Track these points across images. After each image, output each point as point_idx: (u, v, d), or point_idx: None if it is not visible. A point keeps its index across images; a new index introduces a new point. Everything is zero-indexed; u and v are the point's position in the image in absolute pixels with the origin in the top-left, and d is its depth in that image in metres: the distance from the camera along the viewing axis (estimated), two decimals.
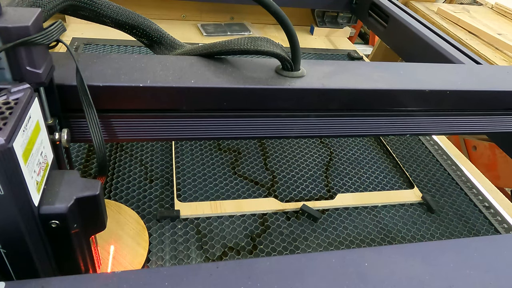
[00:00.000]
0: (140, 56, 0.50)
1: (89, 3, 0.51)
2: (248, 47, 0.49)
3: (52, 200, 0.34)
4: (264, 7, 0.47)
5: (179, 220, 0.62)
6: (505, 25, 1.25)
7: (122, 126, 0.47)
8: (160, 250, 0.57)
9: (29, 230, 0.32)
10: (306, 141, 0.85)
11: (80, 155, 0.72)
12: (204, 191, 0.68)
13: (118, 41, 1.08)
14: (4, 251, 0.33)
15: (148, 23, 0.57)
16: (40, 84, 0.36)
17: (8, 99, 0.31)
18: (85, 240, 0.39)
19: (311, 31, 1.35)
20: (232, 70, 0.50)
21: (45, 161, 0.35)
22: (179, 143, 0.78)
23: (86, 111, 0.41)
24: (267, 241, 0.61)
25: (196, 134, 0.50)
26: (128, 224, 0.59)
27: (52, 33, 0.35)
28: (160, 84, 0.45)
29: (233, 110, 0.49)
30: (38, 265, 0.35)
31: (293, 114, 0.52)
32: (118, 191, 0.65)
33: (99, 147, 0.42)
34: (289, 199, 0.69)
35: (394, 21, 0.80)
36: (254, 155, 0.79)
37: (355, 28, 1.50)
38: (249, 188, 0.70)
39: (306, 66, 0.53)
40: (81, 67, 0.40)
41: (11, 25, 0.32)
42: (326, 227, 0.65)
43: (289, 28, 0.48)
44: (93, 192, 0.35)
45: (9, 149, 0.28)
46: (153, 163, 0.73)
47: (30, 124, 0.31)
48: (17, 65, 0.34)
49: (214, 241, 0.60)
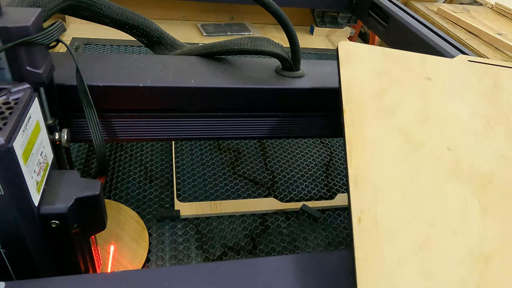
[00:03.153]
0: (140, 56, 0.50)
1: (89, 3, 0.51)
2: (248, 47, 0.49)
3: (52, 200, 0.34)
4: (264, 7, 0.47)
5: (179, 220, 0.62)
6: (505, 25, 1.25)
7: (122, 126, 0.47)
8: (160, 250, 0.57)
9: (29, 230, 0.32)
10: (306, 141, 0.85)
11: (80, 155, 0.72)
12: (204, 191, 0.68)
13: (118, 41, 1.08)
14: (4, 251, 0.33)
15: (148, 23, 0.57)
16: (40, 84, 0.36)
17: (8, 99, 0.31)
18: (85, 240, 0.39)
19: (311, 31, 1.35)
20: (232, 70, 0.50)
21: (45, 161, 0.35)
22: (179, 143, 0.78)
23: (86, 111, 0.41)
24: (267, 241, 0.61)
25: (196, 134, 0.50)
26: (128, 224, 0.59)
27: (52, 33, 0.35)
28: (160, 84, 0.45)
29: (233, 110, 0.49)
30: (38, 265, 0.35)
31: (293, 114, 0.52)
32: (118, 191, 0.65)
33: (99, 147, 0.42)
34: (289, 199, 0.69)
35: (394, 21, 0.80)
36: (254, 155, 0.79)
37: (355, 28, 1.50)
38: (249, 188, 0.70)
39: (306, 66, 0.53)
40: (81, 67, 0.40)
41: (11, 25, 0.32)
42: (326, 227, 0.65)
43: (289, 28, 0.48)
44: (93, 192, 0.35)
45: (9, 149, 0.28)
46: (153, 163, 0.73)
47: (30, 124, 0.31)
48: (17, 65, 0.34)
49: (214, 241, 0.60)
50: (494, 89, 0.44)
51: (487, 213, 0.35)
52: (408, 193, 0.34)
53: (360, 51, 0.44)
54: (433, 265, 0.30)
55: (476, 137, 0.40)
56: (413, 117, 0.39)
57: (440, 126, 0.40)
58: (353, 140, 0.36)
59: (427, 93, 0.42)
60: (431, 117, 0.40)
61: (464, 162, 0.37)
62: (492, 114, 0.42)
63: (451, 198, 0.35)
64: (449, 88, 0.43)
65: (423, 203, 0.34)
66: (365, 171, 0.34)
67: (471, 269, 0.31)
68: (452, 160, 0.37)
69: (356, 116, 0.38)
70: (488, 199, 0.35)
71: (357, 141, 0.36)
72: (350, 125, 0.37)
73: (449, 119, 0.40)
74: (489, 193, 0.36)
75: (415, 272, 0.30)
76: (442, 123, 0.40)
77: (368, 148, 0.36)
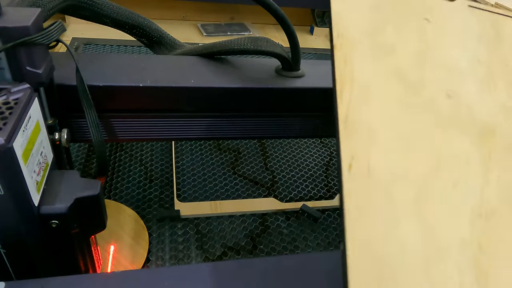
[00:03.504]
0: (140, 56, 0.50)
1: (89, 3, 0.51)
2: (248, 47, 0.49)
3: (52, 200, 0.34)
4: (264, 7, 0.47)
5: (179, 220, 0.62)
6: None
7: (122, 126, 0.47)
8: (160, 250, 0.57)
9: (29, 230, 0.32)
10: (306, 141, 0.85)
11: (80, 155, 0.72)
12: (204, 191, 0.68)
13: (118, 41, 1.08)
14: (4, 251, 0.33)
15: (148, 23, 0.57)
16: (40, 84, 0.36)
17: (8, 99, 0.31)
18: (85, 240, 0.39)
19: (311, 31, 1.35)
20: (232, 70, 0.50)
21: (45, 161, 0.35)
22: (179, 143, 0.78)
23: (86, 111, 0.41)
24: (267, 241, 0.61)
25: (196, 134, 0.50)
26: (128, 224, 0.59)
27: (52, 33, 0.35)
28: (160, 84, 0.45)
29: (233, 110, 0.49)
30: (38, 265, 0.35)
31: (294, 114, 0.52)
32: (118, 191, 0.65)
33: (99, 147, 0.42)
34: (289, 199, 0.69)
35: None
36: (254, 155, 0.79)
37: None
38: (249, 188, 0.70)
39: (306, 66, 0.53)
40: (81, 67, 0.40)
41: (11, 25, 0.32)
42: (326, 227, 0.65)
43: (289, 28, 0.48)
44: (93, 192, 0.35)
45: (9, 149, 0.28)
46: (153, 163, 0.73)
47: (30, 124, 0.31)
48: (17, 65, 0.34)
49: (214, 241, 0.60)
50: (496, 37, 0.42)
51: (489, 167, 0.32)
52: (405, 139, 0.31)
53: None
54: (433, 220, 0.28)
55: (477, 85, 0.37)
56: (410, 59, 0.36)
57: (440, 71, 0.37)
58: (344, 78, 0.33)
59: (426, 34, 0.39)
60: (430, 60, 0.37)
61: (464, 110, 0.34)
62: (494, 63, 0.39)
63: (451, 149, 0.32)
64: (449, 31, 0.41)
65: (422, 152, 0.31)
66: (357, 112, 0.31)
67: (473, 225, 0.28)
68: (452, 107, 0.34)
69: (348, 52, 0.34)
70: (491, 152, 0.32)
71: (349, 79, 0.33)
72: (341, 61, 0.34)
73: (450, 64, 0.37)
74: (491, 145, 0.33)
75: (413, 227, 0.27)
76: (442, 68, 0.37)
77: (361, 87, 0.32)
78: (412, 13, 0.41)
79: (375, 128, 0.31)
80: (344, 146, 0.29)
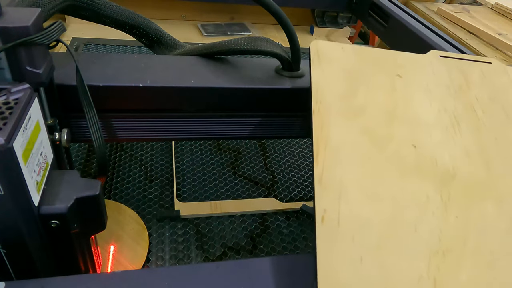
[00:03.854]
0: (140, 56, 0.50)
1: (89, 3, 0.51)
2: (248, 47, 0.49)
3: (52, 200, 0.34)
4: (264, 7, 0.47)
5: (179, 220, 0.62)
6: (505, 25, 1.25)
7: (122, 126, 0.47)
8: (160, 250, 0.57)
9: (29, 230, 0.32)
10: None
11: (80, 155, 0.72)
12: (204, 191, 0.68)
13: (118, 41, 1.08)
14: (4, 251, 0.33)
15: (148, 23, 0.57)
16: (40, 84, 0.36)
17: (8, 99, 0.31)
18: (85, 240, 0.39)
19: (311, 31, 1.35)
20: (232, 70, 0.50)
21: (45, 161, 0.35)
22: (179, 143, 0.78)
23: (86, 111, 0.41)
24: (267, 241, 0.61)
25: (196, 134, 0.50)
26: (128, 224, 0.59)
27: (52, 33, 0.35)
28: (160, 84, 0.45)
29: (233, 110, 0.49)
30: (38, 265, 0.35)
31: (294, 114, 0.52)
32: (118, 191, 0.65)
33: (99, 147, 0.42)
34: (289, 199, 0.69)
35: (394, 21, 0.80)
36: (254, 155, 0.79)
37: (355, 28, 1.50)
38: (249, 188, 0.70)
39: (306, 66, 0.53)
40: (81, 67, 0.40)
41: (11, 25, 0.32)
42: None
43: (289, 28, 0.48)
44: (93, 192, 0.35)
45: (9, 149, 0.28)
46: (153, 163, 0.73)
47: (30, 124, 0.31)
48: (17, 65, 0.34)
49: (214, 241, 0.60)
50: (463, 83, 0.45)
51: (449, 208, 0.35)
52: (371, 191, 0.35)
53: (331, 51, 0.44)
54: (392, 262, 0.31)
55: (442, 133, 0.40)
56: (380, 117, 0.40)
57: (407, 124, 0.40)
58: (320, 141, 0.37)
59: (396, 91, 0.42)
60: (398, 115, 0.40)
61: (428, 158, 0.38)
62: (459, 110, 0.42)
63: (414, 194, 0.35)
64: (418, 85, 0.44)
65: (385, 201, 0.34)
66: (330, 171, 0.35)
67: (429, 263, 0.31)
68: (416, 157, 0.38)
69: (324, 117, 0.38)
70: (451, 194, 0.36)
71: (323, 141, 0.36)
72: (317, 126, 0.38)
73: (417, 116, 0.41)
74: (451, 189, 0.36)
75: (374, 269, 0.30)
76: (409, 121, 0.40)
77: (334, 148, 0.36)
78: (385, 72, 0.44)
79: (345, 184, 0.35)
80: (318, 201, 0.33)
